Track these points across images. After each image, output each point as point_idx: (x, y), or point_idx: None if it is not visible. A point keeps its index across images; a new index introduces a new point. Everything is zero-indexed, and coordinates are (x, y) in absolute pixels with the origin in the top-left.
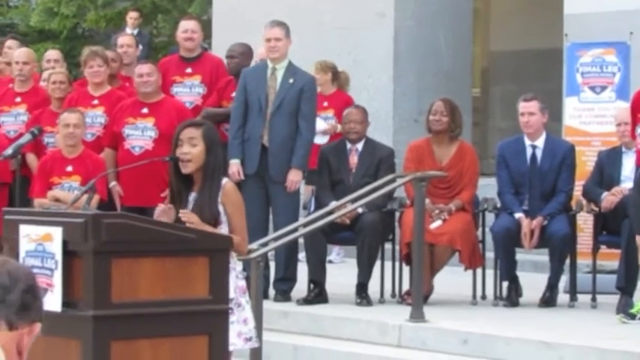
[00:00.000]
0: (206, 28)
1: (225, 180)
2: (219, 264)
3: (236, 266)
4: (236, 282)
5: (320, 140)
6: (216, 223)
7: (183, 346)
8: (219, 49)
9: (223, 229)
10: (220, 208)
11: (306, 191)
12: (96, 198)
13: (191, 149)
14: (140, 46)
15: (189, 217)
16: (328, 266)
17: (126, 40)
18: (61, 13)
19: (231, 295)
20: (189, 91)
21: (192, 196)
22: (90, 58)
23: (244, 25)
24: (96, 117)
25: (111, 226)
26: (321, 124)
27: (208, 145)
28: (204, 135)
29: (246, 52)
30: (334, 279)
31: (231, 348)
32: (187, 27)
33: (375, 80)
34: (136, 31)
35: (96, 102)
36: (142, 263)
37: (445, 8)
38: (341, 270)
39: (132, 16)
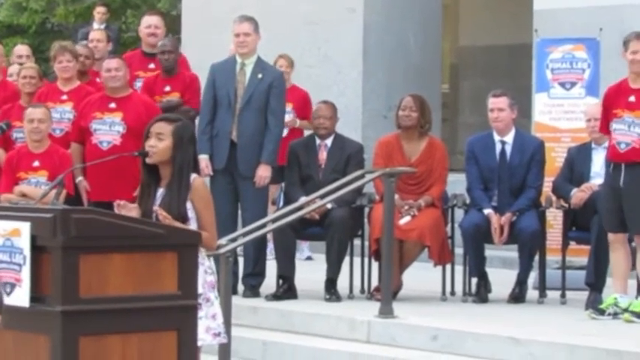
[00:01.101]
0: (175, 23)
1: (194, 176)
2: (188, 259)
3: (204, 261)
4: (204, 277)
5: None
6: (183, 219)
7: (152, 341)
8: (189, 45)
9: (192, 225)
10: (189, 204)
11: (273, 188)
12: (64, 193)
13: (157, 143)
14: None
15: (164, 215)
16: (297, 262)
17: (96, 35)
18: (30, 8)
19: (200, 290)
20: (141, 87)
21: (160, 192)
22: (59, 53)
23: (213, 20)
24: (65, 112)
25: (80, 222)
26: None
27: (177, 142)
28: (174, 131)
29: (177, 44)
30: (303, 275)
31: (199, 343)
32: (150, 22)
33: (345, 76)
34: (103, 26)
35: (65, 97)
36: (111, 258)
37: (414, 4)
38: (310, 266)
39: (99, 11)
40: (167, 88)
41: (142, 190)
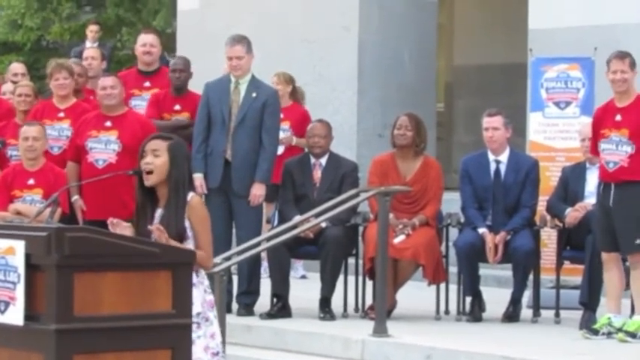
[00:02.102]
0: (170, 41)
1: (191, 194)
2: (183, 278)
3: (204, 280)
4: (204, 296)
5: None
6: (182, 238)
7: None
8: None
9: (189, 245)
10: (187, 222)
11: (267, 207)
12: (58, 211)
13: (154, 160)
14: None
15: (160, 233)
16: (291, 280)
17: (91, 52)
18: (25, 26)
19: (199, 309)
20: (148, 101)
21: (158, 212)
22: (56, 71)
23: (209, 38)
24: (62, 130)
25: (74, 240)
26: None
27: (172, 158)
28: (170, 148)
29: (189, 63)
30: (298, 293)
31: None
32: (146, 41)
33: (340, 94)
34: (95, 44)
35: (62, 115)
36: (105, 277)
37: (410, 23)
38: (305, 284)
39: (92, 29)
40: (177, 107)
41: (138, 212)
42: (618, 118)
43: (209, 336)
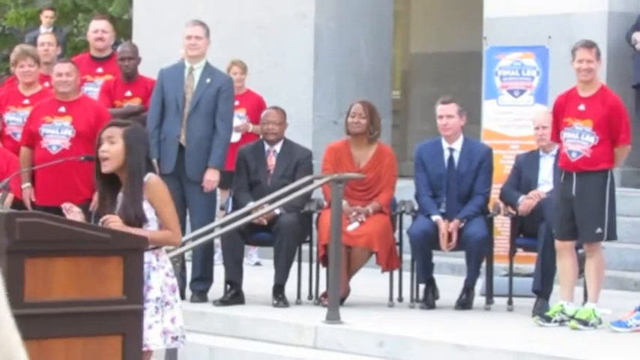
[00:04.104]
0: (127, 27)
1: (149, 175)
2: (134, 264)
3: (166, 265)
4: (165, 280)
5: (232, 138)
6: (141, 222)
7: (96, 345)
8: (140, 48)
9: (152, 226)
10: (147, 204)
11: (222, 193)
12: (10, 197)
13: (109, 147)
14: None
15: (113, 221)
16: (245, 267)
17: (46, 38)
18: None
19: (158, 293)
20: (100, 90)
21: (120, 196)
22: (21, 58)
23: (164, 25)
24: (26, 117)
25: (24, 225)
26: (234, 122)
27: (128, 144)
28: (125, 134)
29: (136, 49)
30: (251, 280)
31: (154, 347)
32: (98, 27)
33: (295, 81)
34: (50, 30)
35: (26, 102)
36: (56, 263)
37: (366, 10)
38: (258, 271)
39: (47, 15)
40: (128, 93)
41: (100, 200)
42: (582, 107)
43: (169, 320)
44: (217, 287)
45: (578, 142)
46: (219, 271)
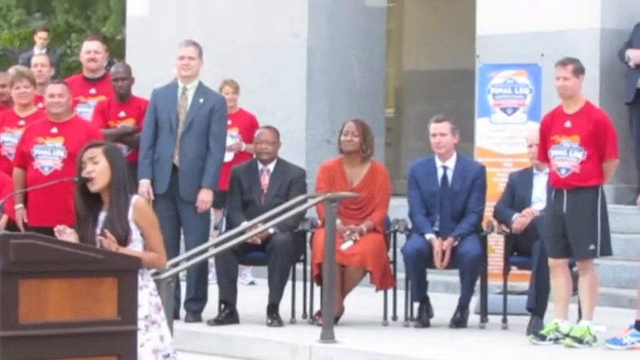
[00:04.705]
0: (120, 47)
1: (135, 197)
2: (128, 284)
3: (150, 283)
4: (149, 299)
5: (225, 157)
6: (127, 240)
7: None
8: (133, 68)
9: (136, 246)
10: (133, 225)
11: (216, 213)
12: (3, 218)
13: (94, 167)
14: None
15: (108, 243)
16: (240, 287)
17: (40, 59)
18: None
19: (146, 312)
20: (93, 111)
21: (102, 216)
22: (17, 79)
23: (157, 45)
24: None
25: (19, 247)
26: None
27: (111, 162)
28: (105, 152)
29: (130, 70)
30: (246, 299)
31: None
32: (90, 47)
33: (288, 100)
34: (44, 51)
35: (22, 122)
36: (50, 284)
37: (358, 29)
38: (253, 290)
39: (40, 36)
40: (122, 114)
41: (79, 217)
42: (568, 124)
43: (158, 338)
44: (211, 307)
45: (566, 159)
46: (213, 291)
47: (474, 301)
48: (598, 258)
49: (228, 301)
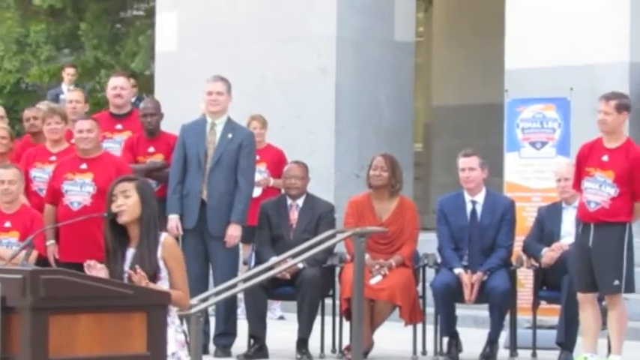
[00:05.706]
0: (149, 83)
1: (164, 235)
2: (157, 320)
3: (175, 320)
4: (175, 336)
5: (253, 193)
6: (155, 277)
7: None
8: (162, 104)
9: (164, 284)
10: (161, 263)
11: (245, 248)
12: (34, 254)
13: (125, 200)
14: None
15: (139, 278)
16: (269, 321)
17: (75, 95)
18: (4, 68)
19: (173, 348)
20: (119, 147)
21: (130, 252)
22: (48, 116)
23: (186, 80)
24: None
25: (49, 282)
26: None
27: (142, 197)
28: (137, 187)
29: (159, 105)
30: (275, 334)
31: None
32: (116, 84)
33: (317, 135)
34: (72, 87)
35: (53, 158)
36: (80, 319)
37: (386, 64)
38: (282, 325)
39: (68, 72)
40: (151, 149)
41: (108, 253)
42: (605, 158)
43: None
44: (241, 342)
45: (598, 193)
46: (242, 326)
47: (504, 336)
48: (622, 294)
49: (257, 336)
